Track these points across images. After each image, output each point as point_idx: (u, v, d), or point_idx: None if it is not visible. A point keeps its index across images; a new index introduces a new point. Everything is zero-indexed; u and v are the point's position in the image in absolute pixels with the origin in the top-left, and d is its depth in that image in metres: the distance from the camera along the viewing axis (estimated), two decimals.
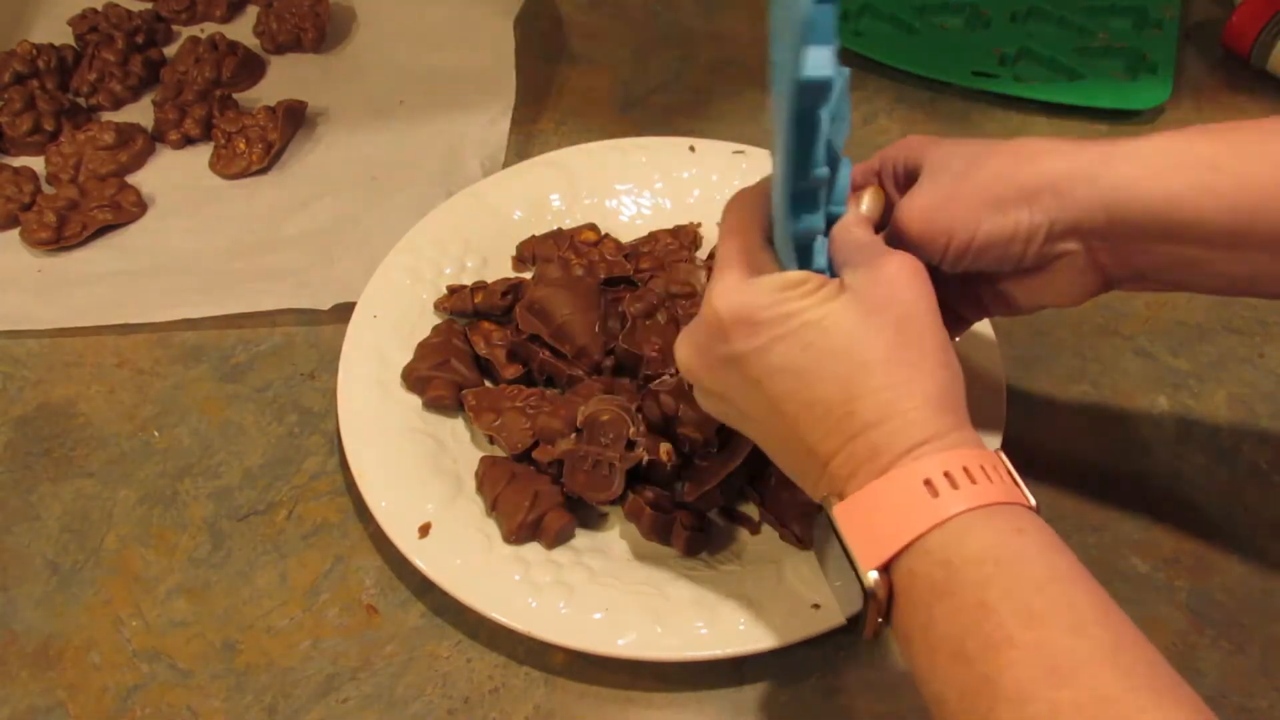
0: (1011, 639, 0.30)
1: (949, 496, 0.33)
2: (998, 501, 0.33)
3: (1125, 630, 0.31)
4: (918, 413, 0.35)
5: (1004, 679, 0.30)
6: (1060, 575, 0.32)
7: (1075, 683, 0.29)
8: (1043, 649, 0.30)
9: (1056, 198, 0.39)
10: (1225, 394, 0.56)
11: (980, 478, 0.34)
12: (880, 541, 0.34)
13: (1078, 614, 0.31)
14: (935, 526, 0.33)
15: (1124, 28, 0.77)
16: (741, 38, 0.79)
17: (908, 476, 0.34)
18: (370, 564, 0.50)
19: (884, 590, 0.34)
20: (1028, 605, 0.31)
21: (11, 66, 0.73)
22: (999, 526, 0.33)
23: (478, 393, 0.53)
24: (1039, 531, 0.33)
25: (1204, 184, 0.38)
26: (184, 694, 0.47)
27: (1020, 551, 0.32)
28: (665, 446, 0.49)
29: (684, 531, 0.48)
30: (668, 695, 0.46)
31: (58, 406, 0.58)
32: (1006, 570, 0.32)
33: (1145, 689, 0.29)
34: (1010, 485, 0.35)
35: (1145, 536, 0.51)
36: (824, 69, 0.33)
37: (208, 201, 0.68)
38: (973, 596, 0.32)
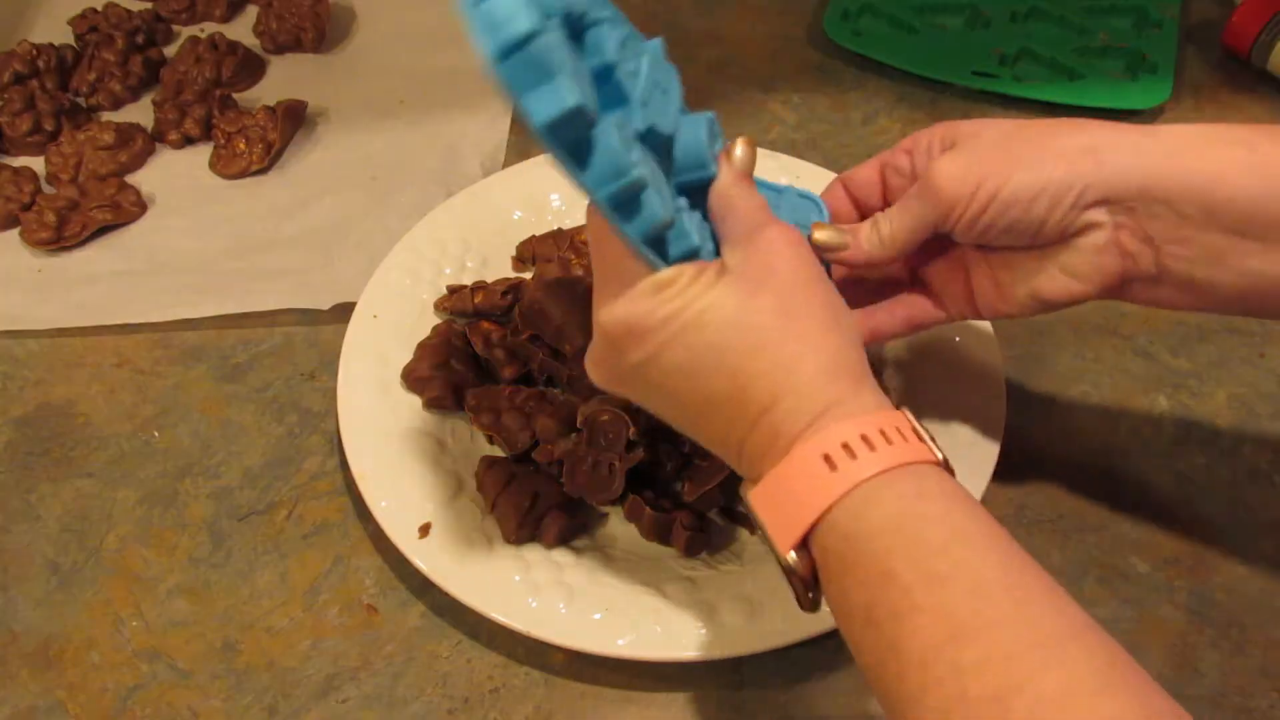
0: (915, 605, 0.31)
1: (847, 468, 0.33)
2: (898, 464, 0.33)
3: (1033, 585, 0.31)
4: (809, 385, 0.35)
5: (909, 644, 0.30)
6: (962, 536, 0.32)
7: (977, 643, 0.29)
8: (945, 612, 0.30)
9: (1095, 160, 0.39)
10: (1225, 394, 0.56)
11: (879, 443, 0.33)
12: (790, 522, 0.34)
13: (979, 574, 0.31)
14: (837, 501, 0.33)
15: (1124, 28, 0.77)
16: (741, 38, 0.79)
17: (807, 453, 0.34)
18: (370, 564, 0.50)
19: (805, 568, 0.34)
20: (930, 569, 0.31)
21: (11, 66, 0.73)
22: (900, 492, 0.33)
23: (478, 393, 0.53)
24: (942, 493, 0.33)
25: (1241, 161, 0.38)
26: (184, 694, 0.47)
27: (922, 515, 0.32)
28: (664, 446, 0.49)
29: (684, 531, 0.48)
30: (668, 695, 0.46)
31: (58, 406, 0.58)
32: (908, 537, 0.32)
33: (1049, 642, 0.29)
34: (914, 444, 0.34)
35: (1145, 536, 0.51)
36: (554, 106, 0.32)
37: (208, 201, 0.68)
38: (877, 566, 0.32)
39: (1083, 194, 0.39)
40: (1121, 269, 0.40)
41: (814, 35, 0.79)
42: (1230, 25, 0.73)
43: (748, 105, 0.74)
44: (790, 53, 0.78)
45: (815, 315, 0.36)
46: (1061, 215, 0.39)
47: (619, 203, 0.36)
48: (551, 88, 0.32)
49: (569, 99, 0.32)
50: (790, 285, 0.36)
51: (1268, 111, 0.72)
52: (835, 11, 0.78)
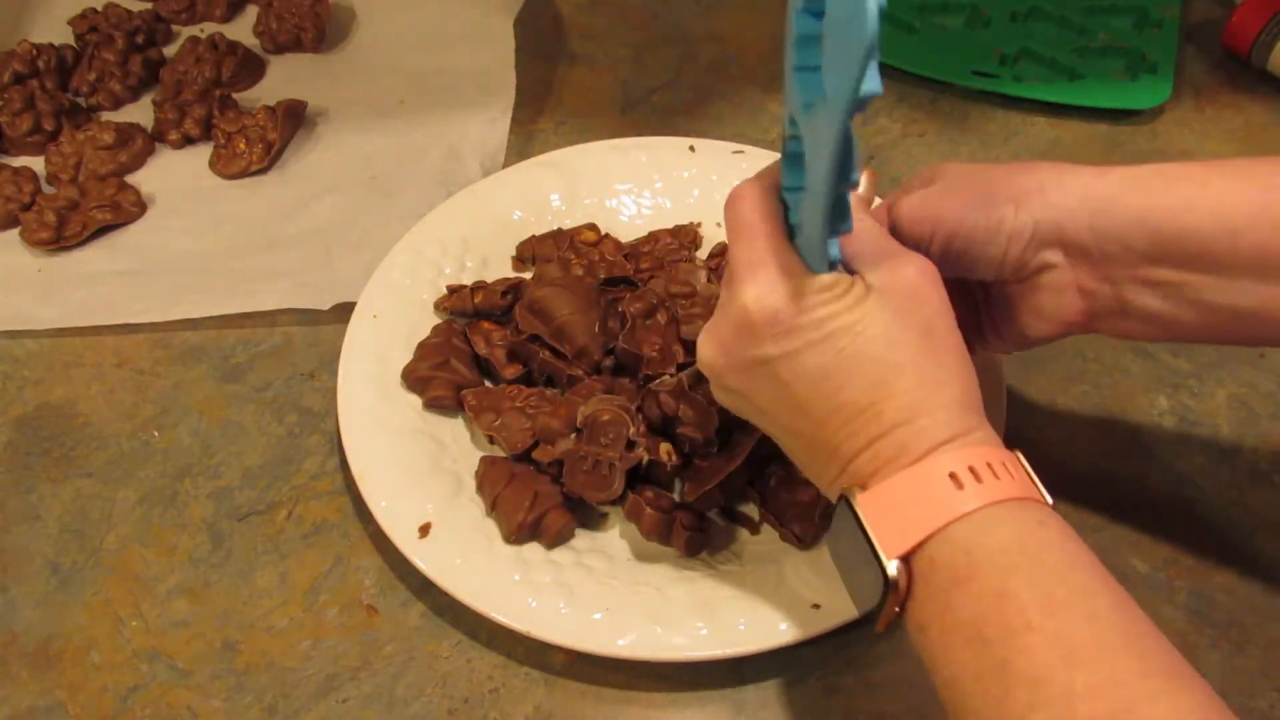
0: (1030, 624, 0.31)
1: (973, 489, 0.34)
2: (1018, 497, 0.34)
3: (1140, 620, 0.32)
4: (945, 412, 0.36)
5: (1021, 662, 0.31)
6: (1079, 566, 0.33)
7: (1091, 666, 0.30)
8: (1061, 634, 0.31)
9: (1043, 199, 0.40)
10: (1225, 394, 0.56)
11: (1003, 474, 0.35)
12: (904, 531, 0.35)
13: (1096, 603, 0.32)
14: (959, 518, 0.34)
15: (1124, 28, 0.77)
16: (742, 38, 0.79)
17: (932, 469, 0.35)
18: (370, 564, 0.50)
19: (905, 579, 0.35)
20: (1048, 593, 0.32)
21: (11, 66, 0.73)
22: (1022, 519, 0.34)
23: (478, 393, 0.53)
24: (1059, 525, 0.34)
25: (1190, 197, 0.38)
26: (184, 694, 0.47)
27: (1043, 542, 0.33)
28: (665, 446, 0.49)
29: (684, 531, 0.48)
30: (668, 695, 0.46)
31: (58, 406, 0.58)
32: (1029, 559, 0.33)
33: (1157, 675, 0.30)
34: (1028, 483, 0.36)
35: (1145, 536, 0.51)
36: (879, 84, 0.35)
37: (208, 201, 0.68)
38: (994, 583, 0.32)
39: (1035, 231, 0.40)
40: (1085, 306, 0.42)
41: None
42: (1230, 25, 0.73)
43: (748, 105, 0.74)
44: None
45: (953, 349, 0.37)
46: (1018, 253, 0.41)
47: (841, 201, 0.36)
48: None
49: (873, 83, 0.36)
50: (934, 317, 0.37)
51: (1267, 111, 0.72)
52: None
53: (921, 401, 0.36)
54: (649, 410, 0.49)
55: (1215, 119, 0.72)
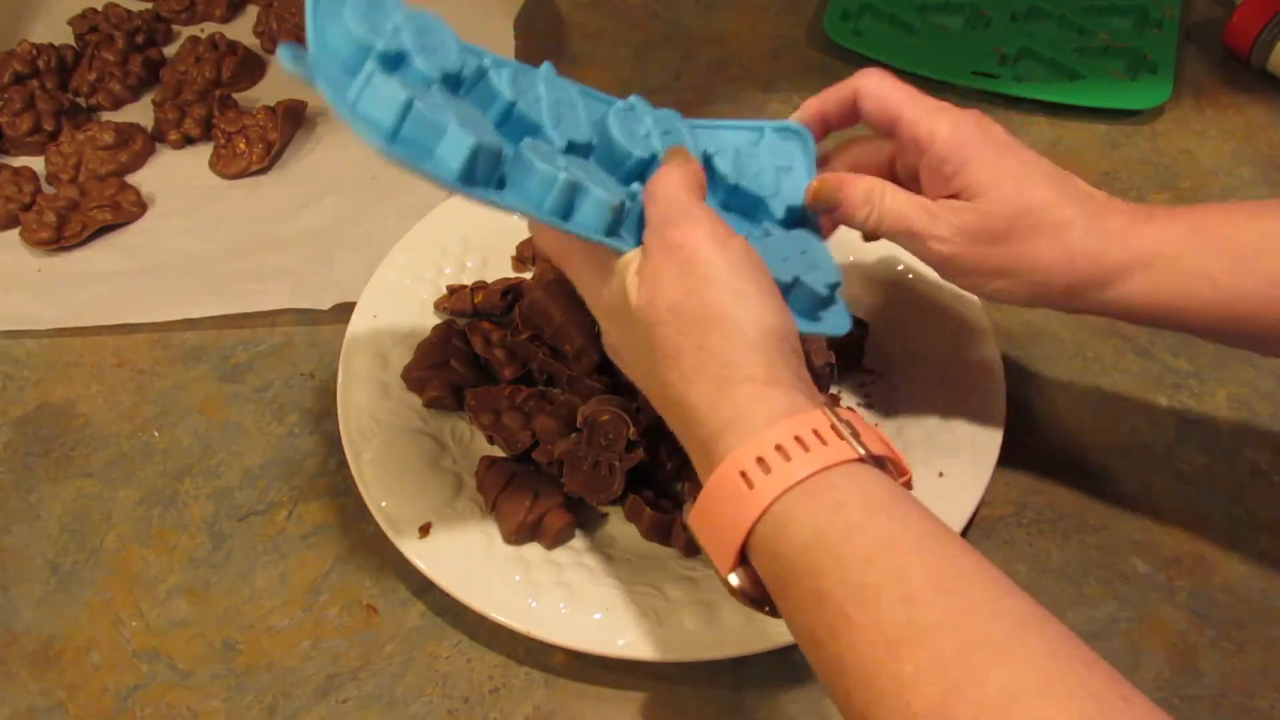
0: (849, 620, 0.30)
1: (762, 485, 0.32)
2: (817, 470, 0.32)
3: (966, 583, 0.30)
4: (711, 399, 0.34)
5: (849, 659, 0.30)
6: (888, 542, 0.31)
7: (914, 653, 0.29)
8: (878, 625, 0.30)
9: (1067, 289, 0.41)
10: (1225, 394, 0.56)
11: (795, 450, 0.32)
12: (723, 544, 0.34)
13: (910, 581, 0.30)
14: (759, 519, 0.32)
15: (1124, 28, 0.77)
16: (741, 38, 0.79)
17: (726, 471, 0.33)
18: (370, 564, 0.50)
19: (752, 586, 0.34)
20: (859, 582, 0.30)
21: (11, 66, 0.73)
22: (820, 503, 0.32)
23: (478, 393, 0.53)
24: (864, 499, 0.32)
25: (1200, 297, 0.40)
26: (184, 694, 0.47)
27: (844, 526, 0.31)
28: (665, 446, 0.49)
29: (684, 531, 0.48)
30: (668, 695, 0.46)
31: (58, 406, 0.58)
32: (832, 552, 0.31)
33: (986, 646, 0.28)
34: (835, 445, 0.33)
35: (1145, 536, 0.51)
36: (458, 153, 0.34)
37: (208, 201, 0.68)
38: (808, 585, 0.31)
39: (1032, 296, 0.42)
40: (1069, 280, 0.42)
41: (814, 35, 0.79)
42: (1230, 25, 0.73)
43: (748, 105, 0.74)
44: (790, 53, 0.78)
45: (711, 318, 0.35)
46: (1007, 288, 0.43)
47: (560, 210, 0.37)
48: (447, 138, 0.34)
49: (467, 140, 0.34)
50: (687, 288, 0.36)
51: (1267, 111, 0.72)
52: (835, 11, 0.78)
53: (687, 394, 0.35)
54: (649, 410, 0.49)
55: (1215, 119, 0.72)
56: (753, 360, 0.35)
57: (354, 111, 0.33)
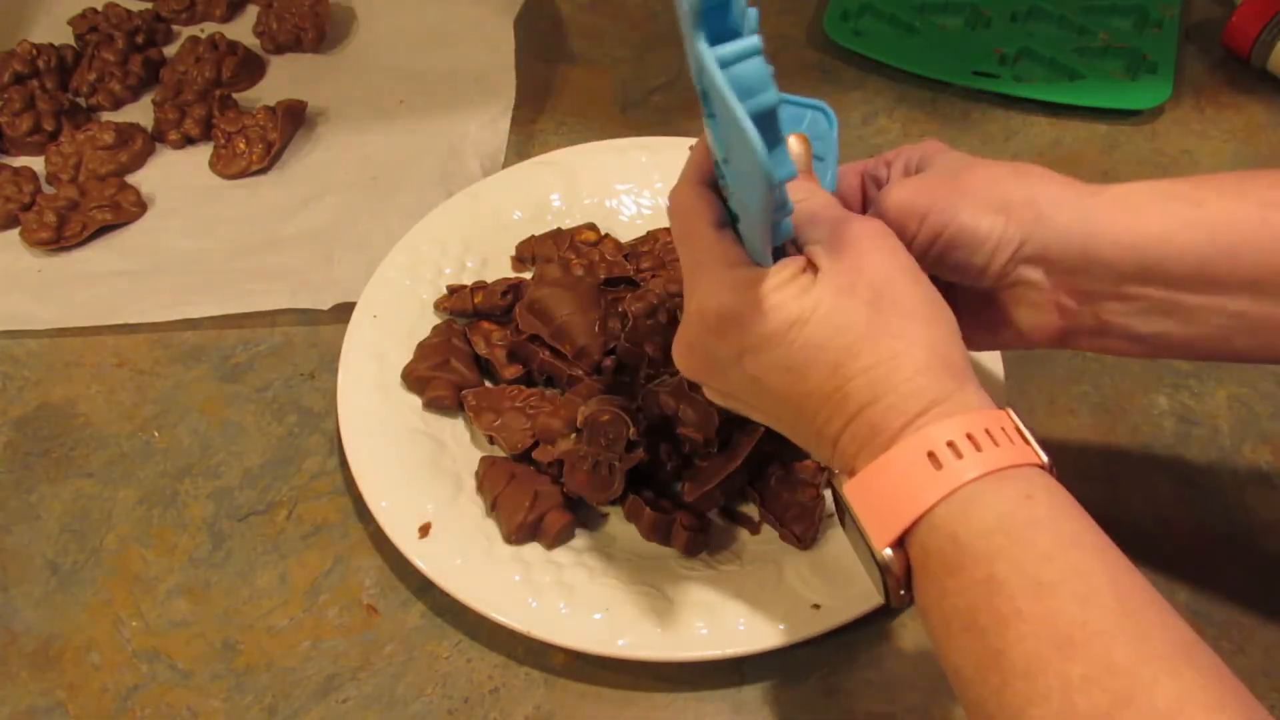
0: (1020, 612, 0.30)
1: (953, 467, 0.33)
2: (1005, 466, 0.33)
3: (1139, 596, 0.30)
4: (909, 384, 0.34)
5: (1014, 653, 0.30)
6: (1070, 542, 0.31)
7: (1086, 654, 0.29)
8: (1052, 621, 0.30)
9: (1035, 216, 0.39)
10: (1225, 394, 0.56)
11: (985, 443, 0.33)
12: (890, 518, 0.34)
13: (1088, 582, 0.30)
14: (942, 499, 0.32)
15: (1124, 28, 0.76)
16: None
17: (910, 450, 0.33)
18: (370, 564, 0.50)
19: (900, 565, 0.34)
20: (1036, 576, 0.30)
21: (11, 66, 0.73)
22: (1007, 494, 0.32)
23: (478, 393, 0.53)
24: (1049, 496, 0.33)
25: (1185, 218, 0.38)
26: (184, 694, 0.47)
27: (1029, 519, 0.32)
28: (665, 446, 0.49)
29: (684, 531, 0.48)
30: (668, 695, 0.46)
31: (58, 406, 0.58)
32: (1014, 540, 0.31)
33: (1158, 657, 0.29)
34: (1020, 446, 0.34)
35: (1145, 537, 0.51)
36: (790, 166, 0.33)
37: (208, 201, 0.68)
38: (982, 570, 0.31)
39: (1020, 248, 0.39)
40: (1062, 324, 0.41)
41: (814, 35, 0.79)
42: (1230, 25, 0.73)
43: None
44: (790, 53, 0.78)
45: (910, 309, 0.35)
46: (1000, 265, 0.40)
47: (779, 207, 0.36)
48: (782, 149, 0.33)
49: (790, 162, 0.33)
50: (881, 281, 0.36)
51: (1267, 111, 0.72)
52: (835, 11, 0.78)
53: (881, 379, 0.34)
54: (649, 410, 0.49)
55: (1215, 119, 0.72)
56: (956, 353, 0.36)
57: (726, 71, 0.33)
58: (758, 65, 0.33)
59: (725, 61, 0.33)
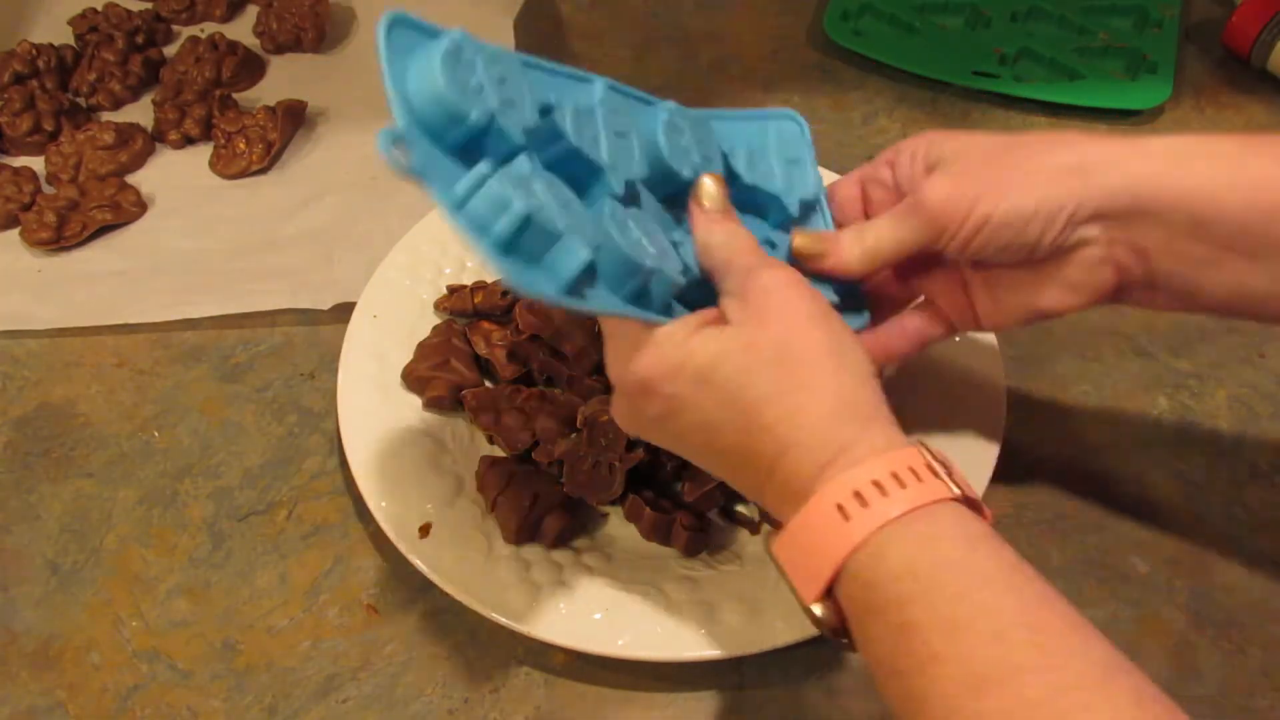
0: (935, 654, 0.30)
1: (859, 517, 0.33)
2: (912, 508, 0.33)
3: (1056, 628, 0.30)
4: (812, 435, 0.34)
5: (932, 693, 0.30)
6: (981, 581, 0.31)
7: (999, 692, 0.29)
8: (966, 660, 0.30)
9: (1083, 179, 0.39)
10: (1225, 394, 0.56)
11: (891, 487, 0.33)
12: (811, 574, 0.34)
13: (1000, 620, 0.30)
14: (854, 550, 0.32)
15: (1124, 28, 0.77)
16: (741, 38, 0.79)
17: (820, 504, 0.34)
18: (370, 564, 0.50)
19: (833, 617, 0.34)
20: (949, 617, 0.30)
21: (11, 66, 0.73)
22: (916, 536, 0.32)
23: (478, 393, 0.53)
24: (960, 535, 0.33)
25: (1229, 179, 0.38)
26: (184, 694, 0.47)
27: (939, 560, 0.32)
28: None
29: (684, 531, 0.48)
30: (668, 695, 0.46)
31: (58, 406, 0.58)
32: (924, 584, 0.31)
33: (1076, 688, 0.28)
34: (930, 483, 0.33)
35: (1145, 536, 0.51)
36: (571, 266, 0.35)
37: (208, 201, 0.68)
38: (896, 615, 0.31)
39: (1075, 213, 0.39)
40: (1116, 279, 0.41)
41: (814, 35, 0.79)
42: (1230, 25, 0.73)
43: (748, 105, 0.73)
44: (790, 53, 0.78)
45: (816, 359, 0.36)
46: (1055, 234, 0.39)
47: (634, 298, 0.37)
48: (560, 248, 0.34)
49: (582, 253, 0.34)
50: (788, 331, 0.36)
51: (1267, 111, 0.72)
52: (835, 11, 0.78)
53: (786, 434, 0.35)
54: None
55: (1215, 119, 0.72)
56: (861, 397, 0.36)
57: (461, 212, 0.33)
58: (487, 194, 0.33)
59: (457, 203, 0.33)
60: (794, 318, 0.36)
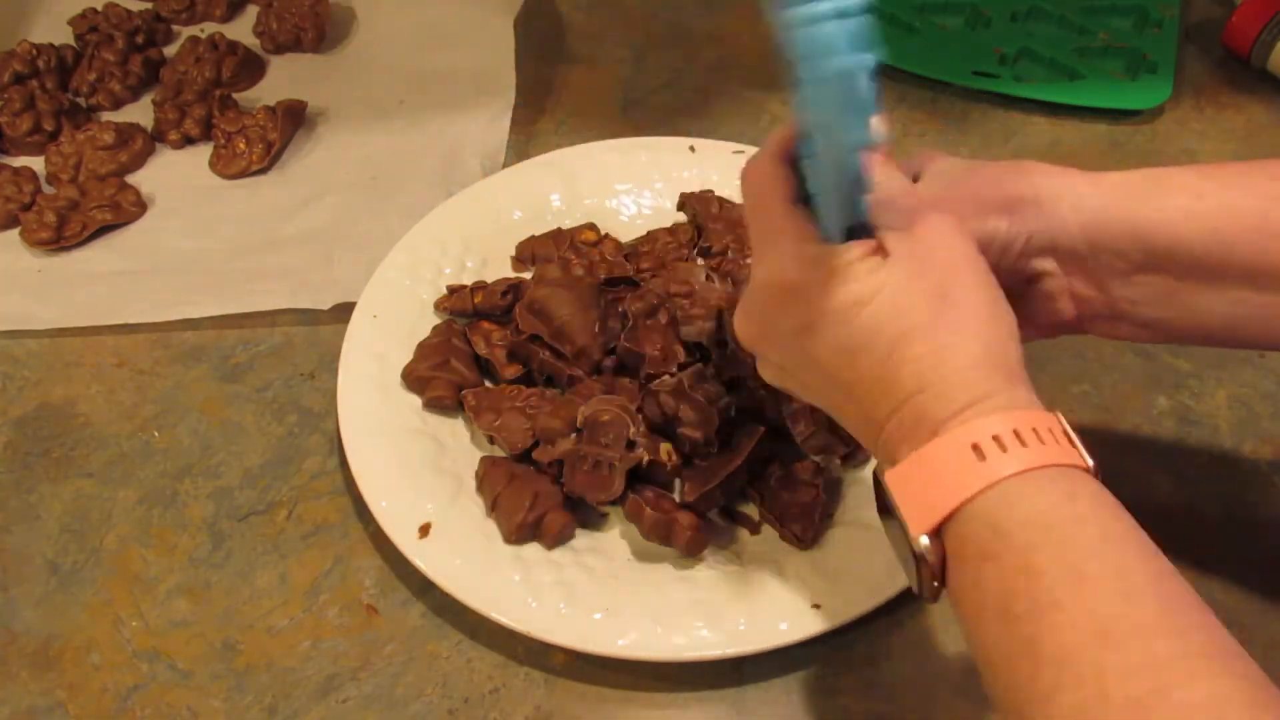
0: (1059, 602, 0.30)
1: (997, 460, 0.33)
2: (1049, 464, 0.33)
3: (1181, 597, 0.31)
4: (960, 376, 0.34)
5: (1048, 641, 0.30)
6: (1114, 540, 0.32)
7: (1124, 647, 0.29)
8: (1090, 612, 0.30)
9: (1037, 211, 0.39)
10: (1225, 394, 0.56)
11: (1031, 440, 0.33)
12: (929, 507, 0.34)
13: (1130, 579, 0.30)
14: (982, 491, 0.32)
15: (1124, 28, 0.77)
16: (741, 38, 0.79)
17: (954, 441, 0.33)
18: (370, 564, 0.50)
19: (935, 555, 0.34)
20: (1077, 569, 0.31)
21: (11, 66, 0.73)
22: (1049, 491, 0.32)
23: (478, 393, 0.53)
24: (1092, 496, 0.33)
25: (1186, 209, 0.38)
26: (184, 694, 0.47)
27: (1072, 515, 0.32)
28: (665, 446, 0.49)
29: (684, 531, 0.48)
30: (668, 695, 0.46)
31: (58, 406, 0.58)
32: (1056, 534, 0.31)
33: (1196, 655, 0.29)
34: (1065, 447, 0.34)
35: None
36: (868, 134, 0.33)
37: (208, 201, 0.68)
38: (1020, 559, 0.31)
39: (1028, 243, 0.40)
40: (1076, 312, 0.41)
41: None
42: (1230, 25, 0.73)
43: (748, 105, 0.74)
44: None
45: (972, 305, 0.36)
46: (1011, 263, 0.40)
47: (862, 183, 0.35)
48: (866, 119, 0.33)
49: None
50: (949, 274, 0.36)
51: (1267, 111, 0.72)
52: None
53: (932, 369, 0.35)
54: (649, 410, 0.49)
55: (1215, 119, 0.72)
56: (1011, 351, 0.36)
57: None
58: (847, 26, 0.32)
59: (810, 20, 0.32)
60: (960, 261, 0.36)
